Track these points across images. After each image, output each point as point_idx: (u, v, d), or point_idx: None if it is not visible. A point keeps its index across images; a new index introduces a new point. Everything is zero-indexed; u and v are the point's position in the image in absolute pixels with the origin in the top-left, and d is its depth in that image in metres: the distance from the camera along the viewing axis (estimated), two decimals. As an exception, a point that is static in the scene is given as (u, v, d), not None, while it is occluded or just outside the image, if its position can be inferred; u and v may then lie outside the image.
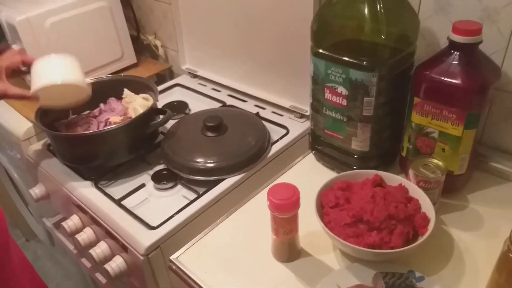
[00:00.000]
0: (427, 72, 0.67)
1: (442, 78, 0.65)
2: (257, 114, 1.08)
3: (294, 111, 1.07)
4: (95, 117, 0.98)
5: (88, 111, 1.01)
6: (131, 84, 1.05)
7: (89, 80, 1.05)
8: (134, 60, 1.41)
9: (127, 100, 1.02)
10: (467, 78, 0.64)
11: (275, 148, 0.97)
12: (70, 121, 0.99)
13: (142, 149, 0.96)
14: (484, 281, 0.58)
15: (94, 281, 1.28)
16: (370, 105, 0.70)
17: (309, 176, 0.83)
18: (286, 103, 1.09)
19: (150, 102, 1.00)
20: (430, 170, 0.68)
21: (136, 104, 1.01)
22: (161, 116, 0.96)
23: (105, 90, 1.04)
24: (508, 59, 0.72)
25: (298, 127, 1.03)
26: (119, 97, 1.04)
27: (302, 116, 1.06)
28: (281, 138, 1.00)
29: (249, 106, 1.14)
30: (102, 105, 1.02)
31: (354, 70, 0.68)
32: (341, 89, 0.72)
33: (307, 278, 0.63)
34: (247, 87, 1.18)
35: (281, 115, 1.09)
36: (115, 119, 0.96)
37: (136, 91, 1.05)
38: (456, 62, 0.65)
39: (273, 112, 1.11)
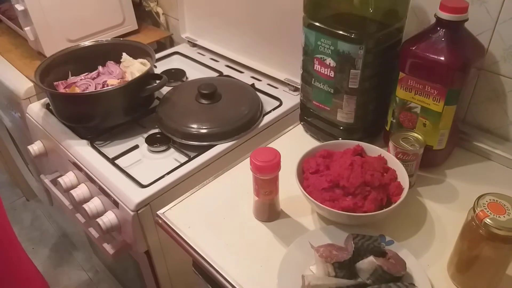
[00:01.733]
0: (413, 48, 0.69)
1: (426, 54, 0.67)
2: (252, 85, 1.11)
3: (288, 84, 1.09)
4: (93, 79, 1.01)
5: (86, 73, 1.03)
6: (129, 48, 1.07)
7: (88, 42, 1.07)
8: (135, 27, 1.42)
9: (125, 64, 1.05)
10: (450, 55, 0.65)
11: (267, 119, 1.00)
12: (69, 82, 1.01)
13: (137, 112, 0.99)
14: (450, 249, 0.62)
15: (88, 238, 1.34)
16: (356, 78, 0.72)
17: (295, 145, 0.86)
18: (281, 76, 1.11)
19: (147, 67, 1.02)
20: (409, 143, 0.71)
21: (133, 68, 1.03)
22: (157, 81, 0.98)
23: (104, 53, 1.06)
24: (495, 40, 0.74)
25: (291, 100, 1.06)
26: (118, 61, 1.06)
27: (296, 89, 1.08)
28: (273, 109, 1.03)
29: (245, 77, 1.16)
30: (100, 68, 1.04)
31: (342, 42, 0.70)
32: (329, 61, 0.74)
33: (284, 236, 0.67)
34: (244, 58, 1.20)
35: (276, 88, 1.12)
36: (112, 82, 0.98)
37: (135, 56, 1.07)
38: (441, 39, 0.67)
39: (268, 84, 1.13)
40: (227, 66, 1.22)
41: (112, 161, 0.89)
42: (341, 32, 0.70)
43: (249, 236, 0.68)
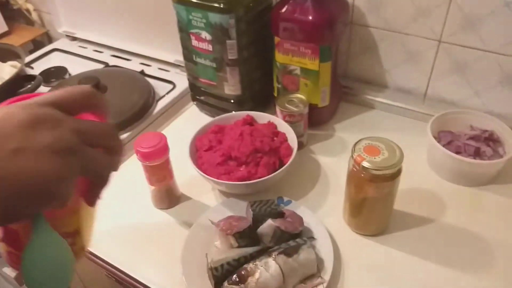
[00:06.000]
0: (282, 11, 0.69)
1: (294, 15, 0.68)
2: (142, 71, 1.06)
3: (179, 66, 1.06)
4: (-46, 91, 0.89)
5: None
6: (-6, 52, 0.96)
7: None
8: (5, 28, 1.28)
9: (-8, 70, 0.94)
10: (315, 14, 0.67)
11: (161, 104, 0.96)
12: None
13: (15, 120, 0.90)
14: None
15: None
16: (234, 48, 0.72)
17: (191, 126, 0.83)
18: (170, 58, 1.07)
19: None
20: (294, 104, 0.72)
21: (3, 73, 0.93)
22: (32, 83, 0.90)
23: (-36, 60, 0.94)
24: (358, -6, 0.77)
25: (185, 81, 1.02)
26: (-17, 67, 0.95)
27: (187, 69, 1.05)
28: (167, 93, 1.00)
29: (134, 65, 1.10)
30: (-38, 77, 0.92)
31: (213, 14, 0.69)
32: (204, 34, 0.72)
33: (187, 219, 0.66)
34: (130, 45, 1.14)
35: (167, 71, 1.08)
36: (-22, 91, 0.88)
37: (3, 59, 0.97)
38: (307, 0, 0.68)
39: (159, 69, 1.09)
40: (113, 56, 1.15)
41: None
42: (209, 3, 0.68)
43: (150, 228, 0.66)
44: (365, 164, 0.54)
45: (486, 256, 0.59)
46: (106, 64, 1.11)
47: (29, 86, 0.89)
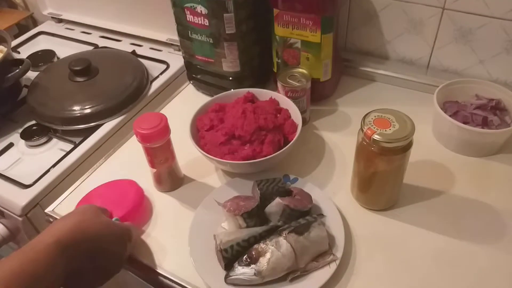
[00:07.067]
0: (281, -20, 0.66)
1: (294, -16, 0.65)
2: (133, 52, 1.02)
3: (172, 44, 1.03)
4: None
5: None
6: (-23, 36, 0.91)
7: None
8: (-15, 12, 1.22)
9: (-24, 55, 0.89)
10: (316, -19, 0.64)
11: (156, 85, 0.93)
12: None
13: (4, 106, 0.86)
14: (351, 172, 0.63)
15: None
16: (231, 22, 0.69)
17: (189, 106, 0.80)
18: (162, 37, 1.04)
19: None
20: (296, 79, 0.70)
21: (-12, 58, 0.89)
22: (20, 67, 0.86)
23: None
24: (358, -39, 0.74)
25: (178, 60, 0.99)
26: (-34, 53, 0.90)
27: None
28: (161, 73, 0.96)
29: (124, 45, 1.07)
30: None
31: (208, -15, 0.65)
32: (200, 8, 0.69)
33: (190, 202, 0.64)
34: (119, 25, 1.10)
35: (160, 50, 1.04)
36: (-37, 77, 0.84)
37: (-14, 44, 0.92)
38: (306, -33, 0.65)
39: (151, 48, 1.05)
40: (102, 37, 1.11)
41: (-16, 167, 0.77)
42: (204, -26, 0.65)
43: (154, 211, 0.64)
44: (376, 137, 0.53)
45: (497, 226, 0.58)
46: (96, 46, 1.07)
47: (17, 70, 0.85)
